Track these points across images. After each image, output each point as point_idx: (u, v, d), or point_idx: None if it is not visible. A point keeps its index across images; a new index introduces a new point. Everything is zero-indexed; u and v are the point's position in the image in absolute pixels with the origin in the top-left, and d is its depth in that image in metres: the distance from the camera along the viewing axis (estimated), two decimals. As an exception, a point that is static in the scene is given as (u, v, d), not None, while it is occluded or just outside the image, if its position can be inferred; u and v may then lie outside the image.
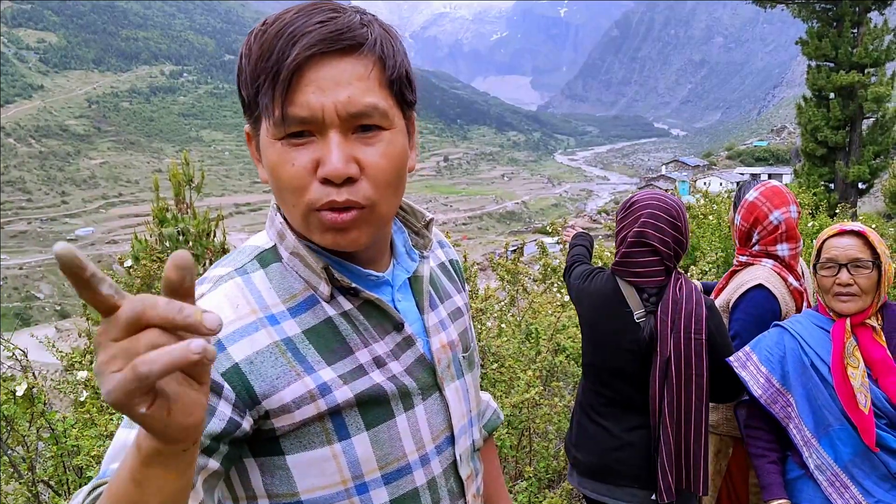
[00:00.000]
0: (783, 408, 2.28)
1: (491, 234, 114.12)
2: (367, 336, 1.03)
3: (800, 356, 2.27)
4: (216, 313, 0.61)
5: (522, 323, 4.30)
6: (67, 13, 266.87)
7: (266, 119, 0.93)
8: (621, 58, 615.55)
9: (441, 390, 1.11)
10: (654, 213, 2.32)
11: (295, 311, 1.00)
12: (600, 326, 2.44)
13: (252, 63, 0.92)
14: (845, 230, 2.26)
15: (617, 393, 2.40)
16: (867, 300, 2.22)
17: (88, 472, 2.33)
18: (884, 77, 25.32)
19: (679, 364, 2.23)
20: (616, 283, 2.38)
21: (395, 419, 1.03)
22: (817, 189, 22.50)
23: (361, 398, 1.00)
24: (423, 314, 1.12)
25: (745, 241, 2.72)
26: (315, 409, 0.96)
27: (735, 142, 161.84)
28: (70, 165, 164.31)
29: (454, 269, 1.31)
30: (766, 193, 2.66)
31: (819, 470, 2.22)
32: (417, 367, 1.08)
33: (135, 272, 3.91)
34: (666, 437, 2.25)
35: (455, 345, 1.18)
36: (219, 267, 1.04)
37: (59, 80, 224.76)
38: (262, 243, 1.06)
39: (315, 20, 0.91)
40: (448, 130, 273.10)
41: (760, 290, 2.54)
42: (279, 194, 0.98)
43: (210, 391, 0.84)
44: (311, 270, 1.01)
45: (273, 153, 0.94)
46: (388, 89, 0.96)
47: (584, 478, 2.49)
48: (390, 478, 1.03)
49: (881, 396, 2.16)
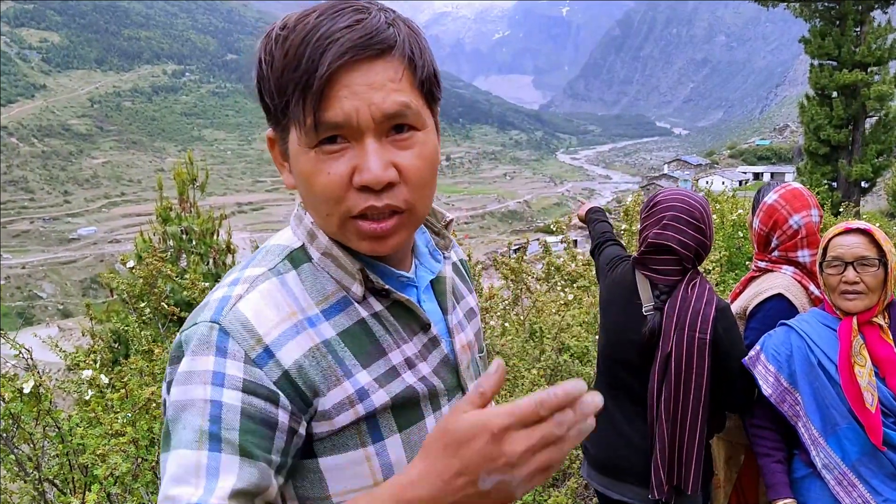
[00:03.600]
0: (791, 406, 2.28)
1: (493, 233, 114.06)
2: (397, 337, 1.02)
3: (807, 355, 2.27)
4: (594, 397, 0.73)
5: (526, 322, 4.30)
6: (70, 13, 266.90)
7: (297, 128, 0.91)
8: (623, 57, 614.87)
9: (464, 390, 1.11)
10: (676, 215, 2.29)
11: (329, 312, 0.98)
12: (612, 315, 2.47)
13: (277, 72, 0.90)
14: (851, 228, 2.25)
15: (623, 384, 2.40)
16: (874, 298, 2.21)
17: (94, 470, 2.32)
18: (887, 76, 25.28)
19: (679, 361, 2.21)
20: (634, 275, 2.39)
21: (424, 420, 1.03)
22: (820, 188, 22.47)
23: (396, 400, 0.99)
24: (446, 315, 1.12)
25: (764, 246, 2.60)
26: (354, 415, 0.95)
27: (737, 141, 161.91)
28: (72, 165, 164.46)
29: (464, 269, 1.31)
30: (785, 196, 2.53)
31: (826, 469, 2.22)
32: (443, 368, 1.08)
33: (137, 272, 3.92)
34: (661, 433, 2.25)
35: (472, 345, 1.18)
36: (250, 267, 1.01)
37: (62, 79, 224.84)
38: (290, 242, 1.04)
39: (341, 25, 0.89)
40: (450, 129, 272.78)
41: (780, 300, 2.44)
42: (312, 203, 0.96)
43: (267, 401, 0.89)
44: (345, 271, 0.99)
45: (306, 162, 0.92)
46: (418, 90, 0.95)
47: (592, 470, 2.50)
48: None
49: (888, 395, 2.16)
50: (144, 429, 2.42)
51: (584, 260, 5.70)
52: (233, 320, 0.91)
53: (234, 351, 0.89)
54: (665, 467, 2.26)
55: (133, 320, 3.79)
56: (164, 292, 3.85)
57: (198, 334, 0.91)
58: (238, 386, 0.88)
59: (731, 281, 6.00)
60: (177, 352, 0.93)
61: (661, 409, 2.26)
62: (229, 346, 0.89)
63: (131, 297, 3.91)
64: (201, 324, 0.92)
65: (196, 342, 0.91)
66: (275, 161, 1.01)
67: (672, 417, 2.24)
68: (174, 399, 0.89)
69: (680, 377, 2.22)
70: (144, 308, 3.87)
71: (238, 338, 0.90)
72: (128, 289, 3.94)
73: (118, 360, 3.88)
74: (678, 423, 2.24)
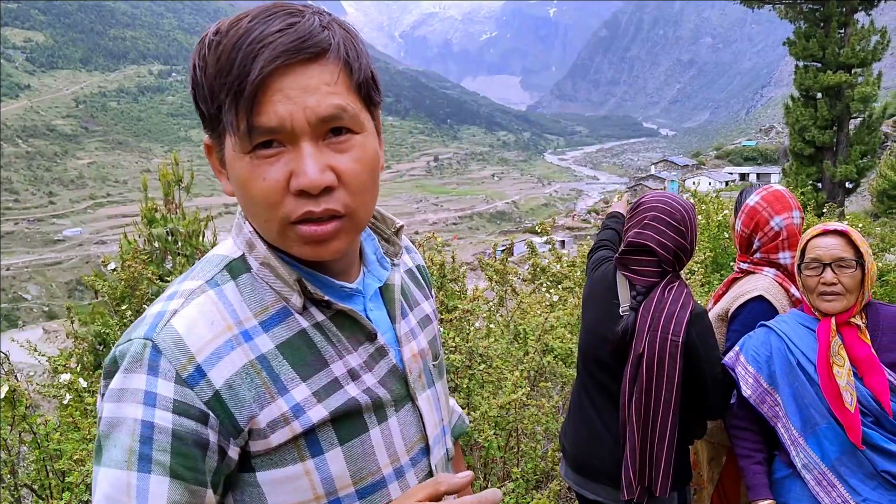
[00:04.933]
0: (771, 407, 2.29)
1: (481, 233, 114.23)
2: (340, 348, 1.01)
3: (786, 356, 2.28)
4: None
5: (511, 323, 4.29)
6: (54, 12, 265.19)
7: (231, 134, 0.90)
8: (610, 58, 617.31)
9: (414, 400, 1.10)
10: (657, 216, 2.32)
11: (267, 324, 0.97)
12: (591, 313, 2.49)
13: (210, 77, 0.89)
14: (828, 230, 2.27)
15: (599, 383, 2.42)
16: (851, 299, 2.23)
17: (70, 476, 2.31)
18: (870, 77, 25.50)
19: (651, 362, 2.22)
20: (615, 275, 2.41)
21: (368, 433, 1.02)
22: (805, 188, 22.61)
23: (336, 414, 0.98)
24: (394, 323, 1.11)
25: (746, 248, 2.62)
26: (290, 433, 0.94)
27: (724, 141, 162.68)
28: (57, 165, 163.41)
29: (421, 275, 1.29)
30: (767, 198, 2.56)
31: (806, 469, 2.23)
32: (390, 378, 1.06)
33: (118, 274, 3.89)
34: (631, 433, 2.26)
35: (425, 353, 1.16)
36: (188, 280, 1.00)
37: (47, 79, 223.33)
38: (230, 252, 1.02)
39: (273, 28, 0.88)
40: (438, 130, 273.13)
41: (761, 301, 2.46)
42: (250, 210, 0.95)
43: (198, 422, 0.89)
44: (283, 282, 0.98)
45: (241, 168, 0.91)
46: (356, 93, 0.94)
47: (569, 469, 2.52)
48: (365, 492, 1.01)
49: (867, 394, 2.17)
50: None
51: (568, 261, 5.71)
52: (165, 337, 0.91)
53: (165, 370, 0.89)
54: (635, 468, 2.26)
55: (114, 323, 3.76)
56: (147, 294, 3.82)
57: (131, 351, 0.91)
58: (169, 407, 0.88)
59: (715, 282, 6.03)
60: (111, 367, 0.93)
61: (633, 409, 2.26)
62: (161, 365, 0.89)
63: (112, 299, 3.87)
64: (136, 340, 0.91)
65: (129, 359, 0.90)
66: (213, 168, 1.00)
67: (643, 418, 2.25)
68: (106, 415, 0.90)
69: (651, 378, 2.23)
70: (126, 311, 3.84)
71: (170, 356, 0.89)
72: (109, 292, 3.90)
73: (101, 362, 3.85)
74: (648, 424, 2.24)
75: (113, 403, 0.89)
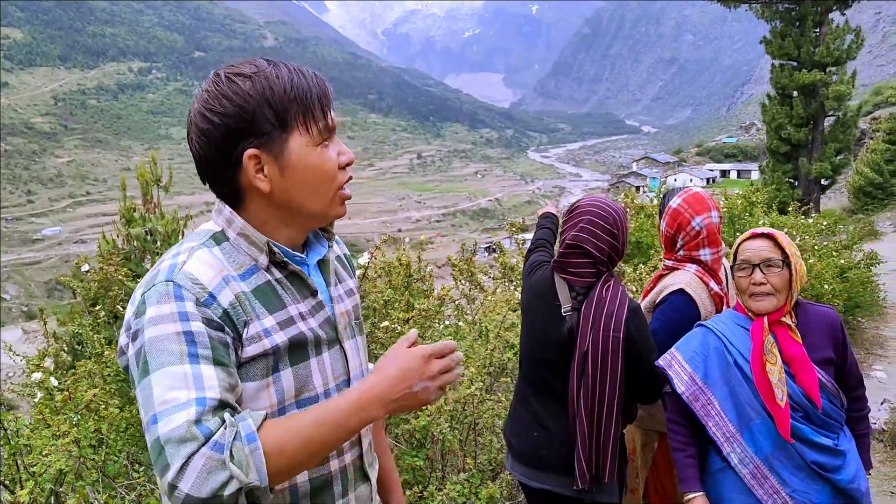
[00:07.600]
0: (703, 406, 2.41)
1: (465, 231, 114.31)
2: (293, 298, 1.38)
3: (724, 355, 2.42)
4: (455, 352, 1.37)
5: (478, 322, 4.40)
6: (32, 9, 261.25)
7: (306, 132, 1.33)
8: (593, 55, 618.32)
9: (341, 343, 1.47)
10: (592, 219, 2.50)
11: (244, 276, 1.33)
12: (533, 317, 2.63)
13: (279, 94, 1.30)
14: (757, 234, 2.43)
15: (544, 382, 2.56)
16: (781, 298, 2.37)
17: (38, 469, 2.38)
18: (844, 76, 25.83)
19: (596, 359, 2.37)
20: (553, 279, 2.55)
21: (309, 360, 1.38)
22: (782, 185, 22.91)
23: (292, 341, 1.33)
24: (329, 287, 1.49)
25: (670, 247, 2.86)
26: (261, 348, 1.29)
27: (705, 139, 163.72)
28: (36, 164, 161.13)
29: (347, 261, 1.69)
30: (688, 200, 2.79)
31: (742, 463, 2.36)
32: (325, 325, 1.43)
33: (92, 276, 3.96)
34: (581, 427, 2.40)
35: (350, 313, 1.54)
36: (186, 243, 1.35)
37: (24, 77, 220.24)
38: (212, 227, 1.39)
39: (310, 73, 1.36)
40: (421, 128, 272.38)
41: (681, 294, 2.69)
42: (314, 188, 1.37)
43: (218, 330, 1.24)
44: (255, 247, 1.36)
45: (316, 155, 1.34)
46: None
47: (515, 461, 2.65)
48: (302, 403, 1.35)
49: (798, 391, 2.31)
50: (91, 430, 2.48)
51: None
52: (182, 278, 1.25)
53: (188, 297, 1.23)
54: (588, 459, 2.40)
55: (87, 323, 3.83)
56: (119, 296, 3.89)
57: (157, 291, 1.24)
58: (199, 319, 1.22)
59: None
60: (140, 307, 1.25)
61: (581, 404, 2.41)
62: (184, 294, 1.23)
63: (86, 300, 3.94)
64: (159, 283, 1.25)
65: (157, 296, 1.23)
66: (249, 176, 1.32)
67: (590, 412, 2.40)
68: (149, 337, 1.20)
69: (596, 374, 2.38)
70: (100, 311, 3.91)
71: (189, 288, 1.24)
72: (83, 293, 3.97)
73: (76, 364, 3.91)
74: (595, 416, 2.40)
75: (154, 327, 1.20)
